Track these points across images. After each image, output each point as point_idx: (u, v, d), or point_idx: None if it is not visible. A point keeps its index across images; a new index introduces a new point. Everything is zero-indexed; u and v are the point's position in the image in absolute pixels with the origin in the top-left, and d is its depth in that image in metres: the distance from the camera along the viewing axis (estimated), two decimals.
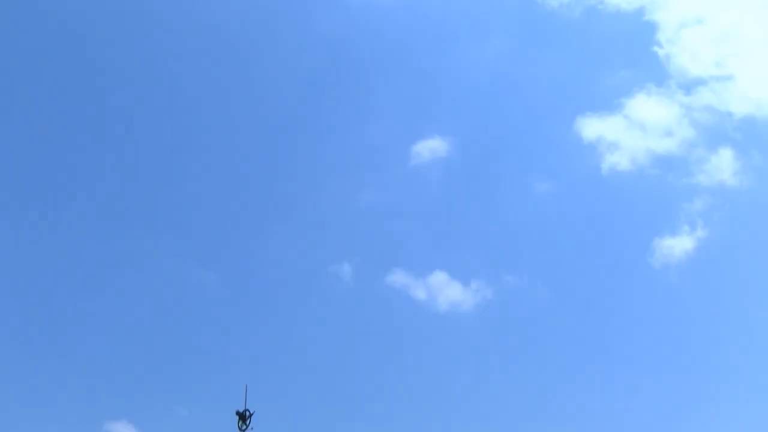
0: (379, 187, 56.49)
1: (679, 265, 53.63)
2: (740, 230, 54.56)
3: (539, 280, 54.42)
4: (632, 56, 56.92)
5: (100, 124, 52.91)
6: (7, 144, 50.08)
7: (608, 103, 58.20)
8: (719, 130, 54.31)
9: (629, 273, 55.88)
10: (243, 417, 16.36)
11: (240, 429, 16.32)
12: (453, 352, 53.91)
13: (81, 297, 51.43)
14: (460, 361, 53.70)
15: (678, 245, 53.51)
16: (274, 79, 55.39)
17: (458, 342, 54.66)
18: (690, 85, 53.67)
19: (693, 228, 54.16)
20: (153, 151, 53.25)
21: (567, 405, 52.54)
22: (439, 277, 53.64)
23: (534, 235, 56.32)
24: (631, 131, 53.62)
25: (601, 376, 53.69)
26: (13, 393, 46.56)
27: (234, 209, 54.66)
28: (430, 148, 54.43)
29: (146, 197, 53.97)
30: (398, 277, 53.97)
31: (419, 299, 53.30)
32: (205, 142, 53.82)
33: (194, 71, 54.11)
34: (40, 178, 51.89)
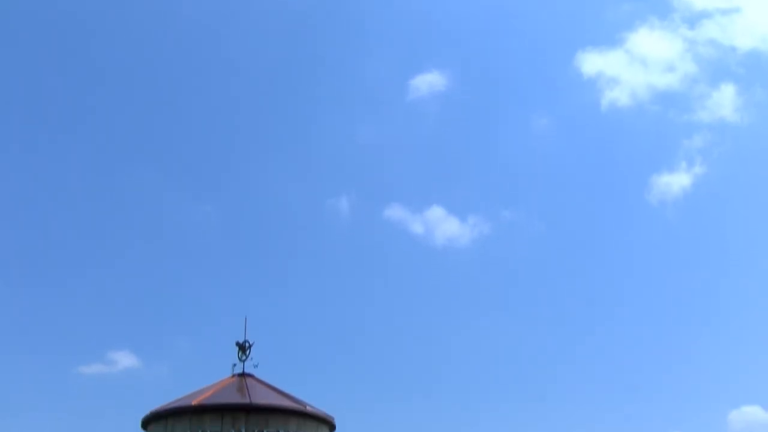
0: (376, 121, 55.99)
1: (676, 201, 53.75)
2: (739, 167, 54.45)
3: (536, 216, 54.61)
4: None
5: (99, 61, 52.26)
6: (7, 78, 49.63)
7: (609, 38, 57.11)
8: (722, 65, 53.50)
9: (626, 209, 56.09)
10: (243, 348, 16.56)
11: (240, 359, 16.57)
12: (449, 286, 54.53)
13: (81, 229, 51.65)
14: (457, 296, 54.37)
15: (675, 182, 53.52)
16: (270, 14, 54.40)
17: (455, 277, 55.22)
18: (694, 19, 52.45)
19: (691, 165, 54.02)
20: (152, 88, 52.70)
21: (563, 340, 53.55)
22: (436, 212, 53.80)
23: (531, 170, 56.26)
24: (632, 66, 52.78)
25: (598, 311, 54.49)
26: (14, 323, 47.32)
27: (232, 144, 54.38)
28: (428, 82, 53.70)
29: (145, 132, 53.66)
30: (395, 212, 54.11)
31: (416, 234, 53.57)
32: (203, 79, 53.06)
33: (191, 10, 53.15)
34: (40, 115, 51.60)
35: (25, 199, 49.81)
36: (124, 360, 46.82)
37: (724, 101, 51.55)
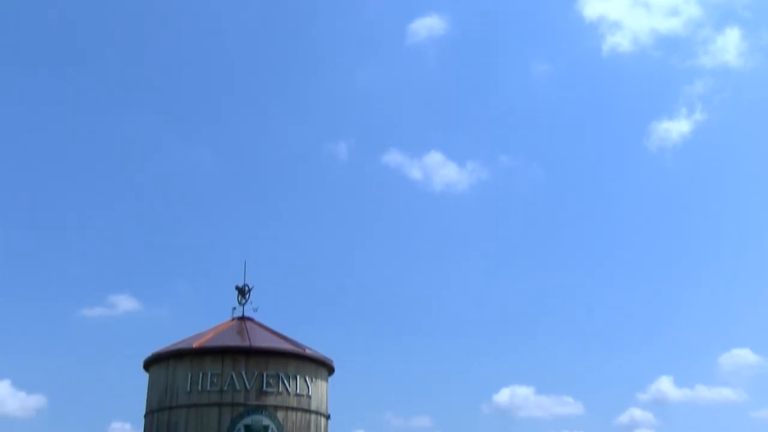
0: (375, 66, 55.35)
1: (675, 148, 53.62)
2: (740, 113, 54.09)
3: (535, 162, 54.50)
4: None
5: (96, 7, 51.39)
6: (8, 23, 48.86)
7: None
8: (728, 9, 52.60)
9: (625, 156, 55.95)
10: (242, 292, 16.69)
11: (239, 303, 16.72)
12: (447, 232, 54.78)
13: (81, 174, 51.63)
14: (454, 241, 54.69)
15: (675, 128, 53.24)
16: None
17: (453, 222, 55.46)
18: None
19: (691, 111, 53.64)
20: (151, 34, 51.95)
21: (561, 285, 54.05)
22: (434, 158, 53.63)
23: (531, 116, 55.92)
24: (635, 10, 51.88)
25: (596, 258, 54.88)
26: (14, 267, 47.61)
27: (230, 88, 53.89)
28: (427, 26, 52.87)
29: (142, 77, 53.07)
30: (394, 157, 53.94)
31: (414, 179, 53.55)
32: (201, 23, 52.34)
33: None
34: (38, 59, 50.92)
35: (24, 144, 49.60)
36: (125, 303, 47.30)
37: (728, 46, 50.87)
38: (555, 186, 52.80)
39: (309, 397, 14.82)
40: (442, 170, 50.72)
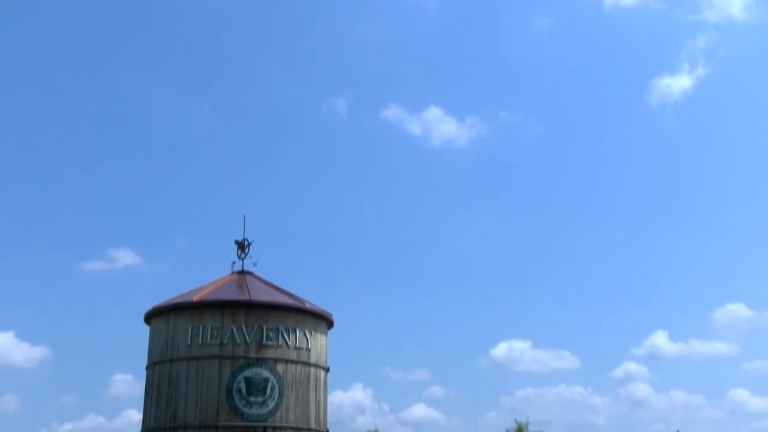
0: (374, 20, 54.71)
1: (675, 104, 53.26)
2: (744, 68, 53.60)
3: (534, 117, 54.19)
4: None
5: None
6: None
7: None
8: None
9: (625, 112, 55.65)
10: (242, 246, 16.70)
11: (239, 257, 16.74)
12: (446, 188, 54.77)
13: (82, 129, 51.38)
14: (454, 197, 54.69)
15: (676, 84, 52.79)
16: None
17: (452, 178, 55.36)
18: None
19: (693, 66, 53.12)
20: None
21: (560, 239, 54.22)
22: (433, 113, 53.31)
23: (531, 71, 55.40)
24: None
25: (593, 214, 54.97)
26: (16, 219, 47.69)
27: (228, 43, 53.28)
28: None
29: (142, 33, 52.43)
30: (393, 112, 53.61)
31: (413, 134, 53.31)
32: None
33: None
34: (41, 16, 50.25)
35: (27, 99, 49.22)
36: (125, 257, 47.52)
37: None
38: (554, 142, 52.59)
39: (308, 350, 14.97)
40: (441, 125, 50.45)
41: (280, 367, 14.37)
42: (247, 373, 14.07)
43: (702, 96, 51.61)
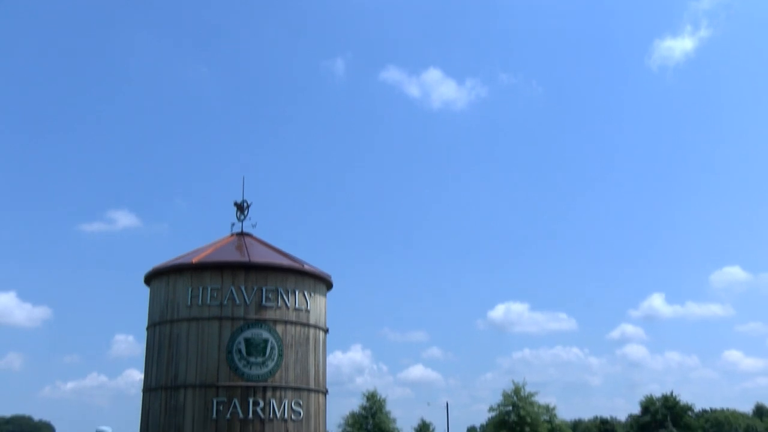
0: None
1: (677, 67, 52.89)
2: (748, 30, 53.15)
3: (534, 79, 53.90)
4: None
5: None
6: None
7: None
8: None
9: (625, 74, 55.37)
10: (241, 208, 16.63)
11: (238, 219, 16.69)
12: (445, 150, 54.66)
13: (81, 90, 51.14)
14: (453, 160, 54.60)
15: (678, 46, 52.39)
16: None
17: (451, 140, 55.23)
18: None
19: (696, 28, 52.61)
20: None
21: (558, 201, 54.36)
22: (433, 75, 52.99)
23: (531, 33, 54.92)
24: None
25: (591, 176, 55.05)
26: (17, 181, 47.72)
27: (226, 3, 52.69)
28: None
29: None
30: (392, 74, 53.30)
31: (412, 96, 53.04)
32: None
33: None
34: None
35: (28, 61, 48.86)
36: (124, 219, 47.62)
37: None
38: (554, 104, 52.29)
39: (307, 311, 15.06)
40: (440, 87, 50.09)
41: (279, 328, 14.47)
42: (247, 334, 14.18)
43: (704, 59, 51.26)
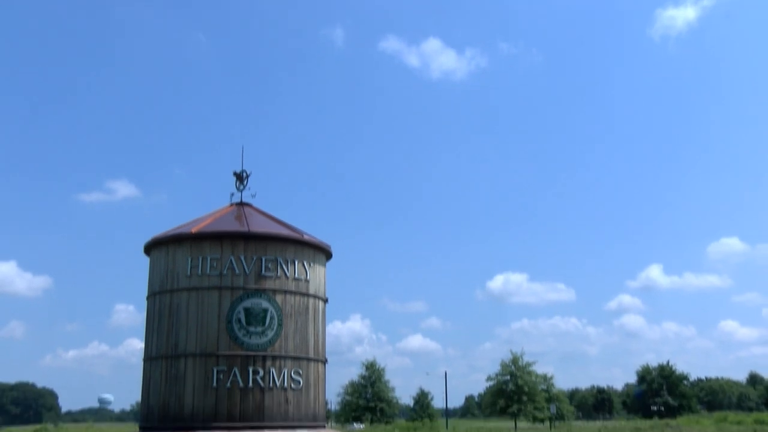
0: None
1: (679, 36, 52.45)
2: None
3: (535, 48, 53.53)
4: None
5: None
6: None
7: None
8: None
9: (626, 45, 54.99)
10: (240, 177, 16.59)
11: (237, 189, 16.66)
12: (445, 120, 54.45)
13: (78, 60, 50.73)
14: (452, 130, 54.42)
15: (681, 15, 51.91)
16: None
17: (451, 110, 55.01)
18: None
19: None
20: None
21: (558, 172, 54.31)
22: (432, 44, 52.59)
23: (531, 2, 54.38)
24: None
25: (590, 146, 54.91)
26: (16, 150, 47.56)
27: None
28: None
29: None
30: (391, 44, 52.90)
31: (412, 66, 52.67)
32: None
33: None
34: None
35: (25, 32, 48.38)
36: (123, 189, 47.59)
37: None
38: (554, 73, 51.96)
39: (307, 281, 15.11)
40: (440, 57, 49.71)
41: (278, 298, 14.53)
42: (246, 303, 14.24)
43: (707, 28, 50.88)
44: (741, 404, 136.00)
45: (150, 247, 15.55)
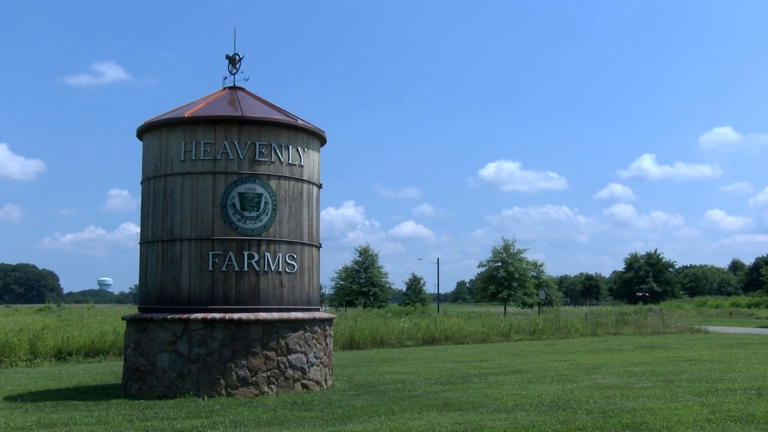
0: None
1: None
2: None
3: None
4: None
5: None
6: None
7: None
8: None
9: None
10: (233, 61, 16.20)
11: (230, 73, 16.31)
12: (438, 2, 52.85)
13: None
14: (446, 12, 52.94)
15: None
16: None
17: None
18: None
19: None
20: None
21: (550, 59, 53.22)
22: None
23: None
24: None
25: (584, 33, 53.55)
26: None
27: None
28: None
29: None
30: None
31: None
32: None
33: None
34: None
35: None
36: (111, 72, 46.53)
37: None
38: None
39: (301, 166, 15.07)
40: None
41: (273, 183, 14.52)
42: (241, 188, 14.25)
43: None
44: (721, 289, 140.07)
45: (143, 132, 15.39)
